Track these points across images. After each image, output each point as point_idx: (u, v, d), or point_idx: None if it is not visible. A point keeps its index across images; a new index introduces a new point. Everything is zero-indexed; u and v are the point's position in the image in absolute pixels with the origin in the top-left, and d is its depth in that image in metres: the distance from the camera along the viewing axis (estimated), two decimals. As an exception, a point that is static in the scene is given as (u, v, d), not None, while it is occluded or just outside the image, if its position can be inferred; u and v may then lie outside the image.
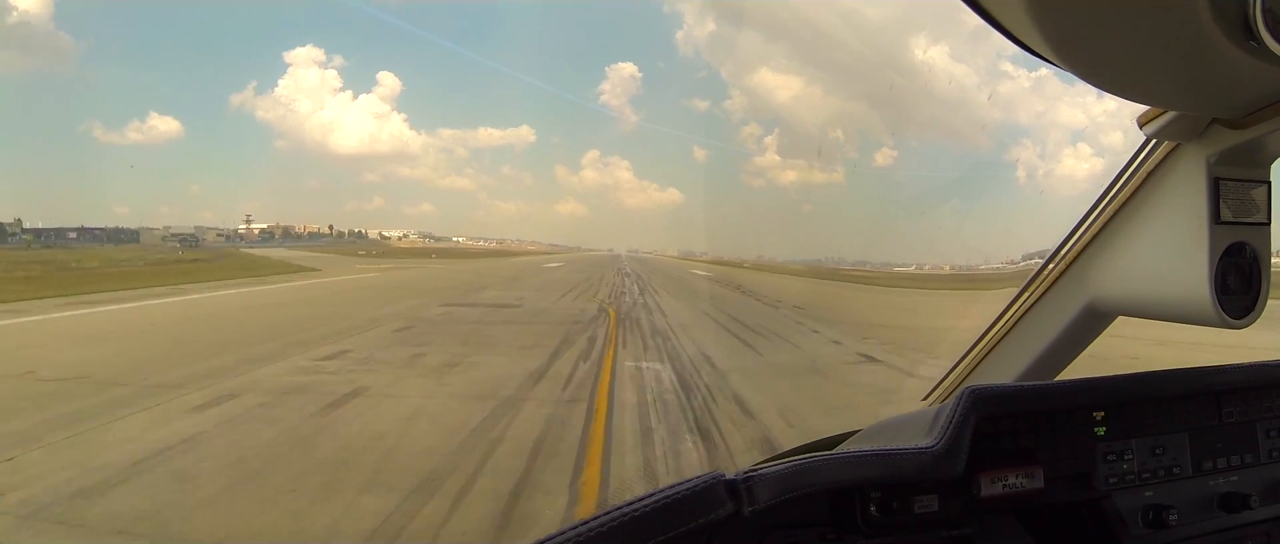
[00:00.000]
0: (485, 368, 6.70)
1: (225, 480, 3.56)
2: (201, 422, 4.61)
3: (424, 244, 64.89)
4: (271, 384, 5.72)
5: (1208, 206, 0.88)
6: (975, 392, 0.89)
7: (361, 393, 5.49)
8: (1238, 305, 0.90)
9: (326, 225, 63.26)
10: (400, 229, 74.00)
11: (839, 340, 9.62)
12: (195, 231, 51.50)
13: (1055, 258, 1.17)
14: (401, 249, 55.99)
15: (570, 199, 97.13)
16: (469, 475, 3.67)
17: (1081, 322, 1.14)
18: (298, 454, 4.02)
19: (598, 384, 6.06)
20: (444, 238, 78.67)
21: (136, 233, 47.56)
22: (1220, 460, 1.06)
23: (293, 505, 3.22)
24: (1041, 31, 0.57)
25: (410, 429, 4.56)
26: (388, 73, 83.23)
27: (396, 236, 67.17)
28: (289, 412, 4.92)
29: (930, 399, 1.43)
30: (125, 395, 5.23)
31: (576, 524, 0.66)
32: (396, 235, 68.02)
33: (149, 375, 5.93)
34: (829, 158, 57.21)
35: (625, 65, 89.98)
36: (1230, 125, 0.84)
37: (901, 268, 32.62)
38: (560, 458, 4.01)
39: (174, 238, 47.32)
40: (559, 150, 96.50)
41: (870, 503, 0.87)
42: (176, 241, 45.86)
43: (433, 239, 74.58)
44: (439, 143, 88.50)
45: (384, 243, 62.21)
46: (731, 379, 6.43)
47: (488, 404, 5.18)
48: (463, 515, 3.16)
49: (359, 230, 64.71)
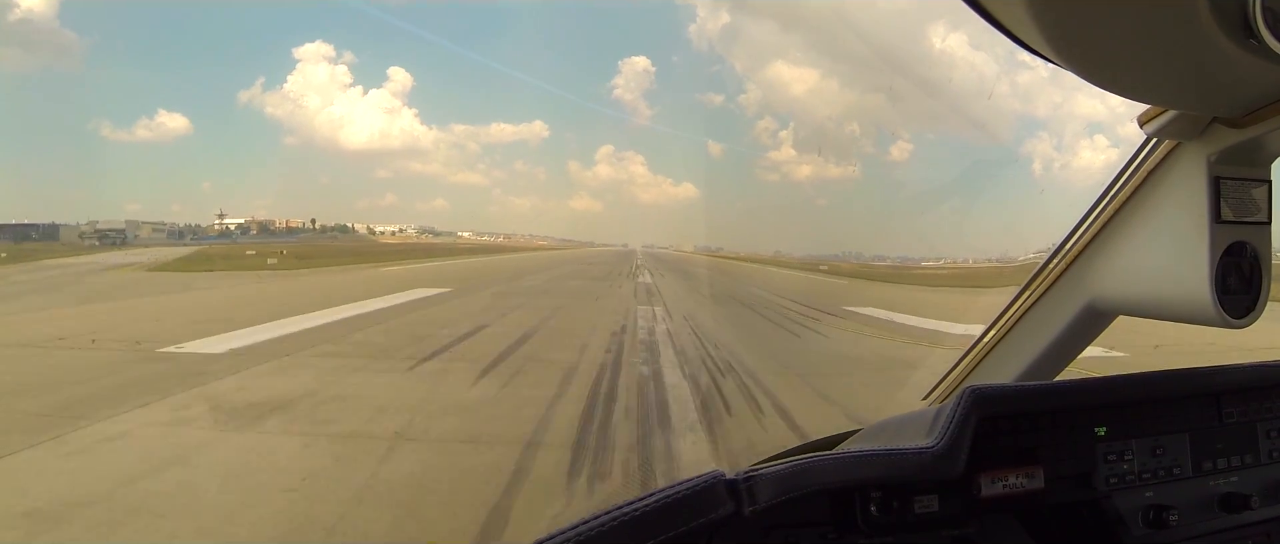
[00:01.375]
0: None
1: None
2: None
3: (421, 240, 59.69)
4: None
5: (1208, 206, 0.88)
6: (975, 391, 0.89)
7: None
8: (1238, 305, 0.90)
9: (309, 220, 56.57)
10: (400, 224, 67.33)
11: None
12: (125, 227, 44.49)
13: (1055, 257, 1.17)
14: (387, 246, 49.72)
15: (584, 195, 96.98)
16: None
17: (1082, 321, 1.14)
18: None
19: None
20: (447, 233, 72.47)
21: (56, 228, 41.16)
22: (1220, 461, 1.06)
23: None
24: (1042, 31, 0.57)
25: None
26: (398, 68, 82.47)
27: (388, 232, 61.24)
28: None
29: (930, 399, 1.43)
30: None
31: (576, 524, 0.66)
32: (388, 231, 61.88)
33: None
34: (844, 152, 56.69)
35: (638, 59, 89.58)
36: (1231, 124, 0.84)
37: (931, 263, 30.33)
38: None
39: (95, 235, 40.92)
40: (572, 145, 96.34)
41: (870, 503, 0.86)
42: (96, 239, 39.16)
43: (433, 234, 67.47)
44: (451, 138, 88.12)
45: (371, 239, 56.80)
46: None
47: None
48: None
49: (345, 225, 58.83)
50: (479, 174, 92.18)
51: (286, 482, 3.49)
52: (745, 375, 6.39)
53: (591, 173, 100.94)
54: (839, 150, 57.23)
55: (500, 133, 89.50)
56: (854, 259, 34.59)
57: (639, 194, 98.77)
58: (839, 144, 61.39)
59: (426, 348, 7.29)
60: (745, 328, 10.88)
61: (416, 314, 10.63)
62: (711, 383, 6.02)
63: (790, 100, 75.69)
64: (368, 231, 60.35)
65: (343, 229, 58.30)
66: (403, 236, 61.84)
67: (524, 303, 12.60)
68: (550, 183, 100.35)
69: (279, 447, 4.09)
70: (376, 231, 61.15)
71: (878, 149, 61.18)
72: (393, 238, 59.68)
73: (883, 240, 41.71)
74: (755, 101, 74.29)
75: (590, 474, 3.68)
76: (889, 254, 33.18)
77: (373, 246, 46.77)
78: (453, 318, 10.13)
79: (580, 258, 40.91)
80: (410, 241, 57.90)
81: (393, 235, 61.41)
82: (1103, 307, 1.10)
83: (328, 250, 36.02)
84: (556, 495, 3.38)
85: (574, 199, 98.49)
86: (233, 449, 4.06)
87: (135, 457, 3.83)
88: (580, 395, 5.35)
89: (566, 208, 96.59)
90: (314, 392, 5.32)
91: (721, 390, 5.74)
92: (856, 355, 8.40)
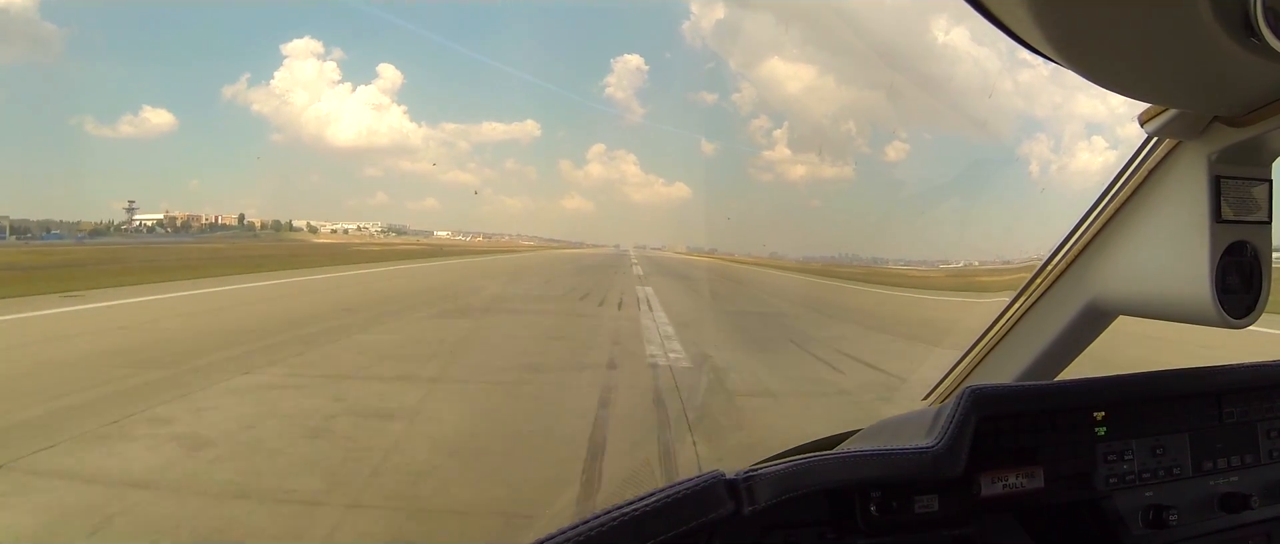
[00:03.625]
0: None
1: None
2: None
3: (375, 240, 47.95)
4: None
5: (1209, 205, 0.88)
6: (975, 391, 0.89)
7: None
8: (1239, 304, 0.90)
9: (236, 216, 45.76)
10: (372, 221, 59.86)
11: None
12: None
13: (1055, 257, 1.17)
14: (318, 248, 36.60)
15: (575, 194, 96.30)
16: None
17: (1082, 321, 1.14)
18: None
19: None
20: (423, 231, 64.37)
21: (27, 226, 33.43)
22: (1220, 461, 1.06)
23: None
24: (1043, 30, 0.56)
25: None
26: (387, 65, 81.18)
27: (340, 230, 49.64)
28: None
29: (930, 399, 1.43)
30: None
31: (576, 524, 0.66)
32: (340, 229, 50.02)
33: None
34: (840, 151, 55.92)
35: (631, 57, 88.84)
36: (1231, 123, 0.84)
37: (947, 265, 25.84)
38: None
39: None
40: (563, 144, 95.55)
41: (870, 503, 0.86)
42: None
43: (399, 233, 60.58)
44: (441, 136, 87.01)
45: (300, 239, 43.94)
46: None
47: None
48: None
49: (286, 222, 47.56)
50: (470, 173, 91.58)
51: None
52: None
53: (583, 172, 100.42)
54: (834, 150, 56.68)
55: (491, 131, 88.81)
56: (851, 260, 32.97)
57: (631, 194, 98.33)
58: (835, 143, 60.89)
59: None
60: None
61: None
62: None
63: (786, 98, 75.18)
64: (308, 229, 49.85)
65: (278, 227, 48.08)
66: (359, 235, 51.32)
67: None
68: (541, 182, 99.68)
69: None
70: (316, 229, 50.14)
71: (873, 149, 60.63)
72: (340, 236, 49.18)
73: (888, 242, 41.02)
74: (749, 100, 73.77)
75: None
76: (888, 256, 31.77)
77: (298, 248, 33.13)
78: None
79: (546, 269, 22.23)
80: (356, 242, 46.94)
81: (345, 234, 50.13)
82: (1103, 306, 1.10)
83: (217, 255, 22.79)
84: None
85: (566, 198, 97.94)
86: None
87: None
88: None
89: (558, 207, 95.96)
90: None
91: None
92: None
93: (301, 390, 4.51)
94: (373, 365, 5.45)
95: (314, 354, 5.75)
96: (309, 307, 9.21)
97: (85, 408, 3.87)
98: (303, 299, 10.43)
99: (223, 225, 49.38)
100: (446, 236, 68.11)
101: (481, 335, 7.41)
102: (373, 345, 6.34)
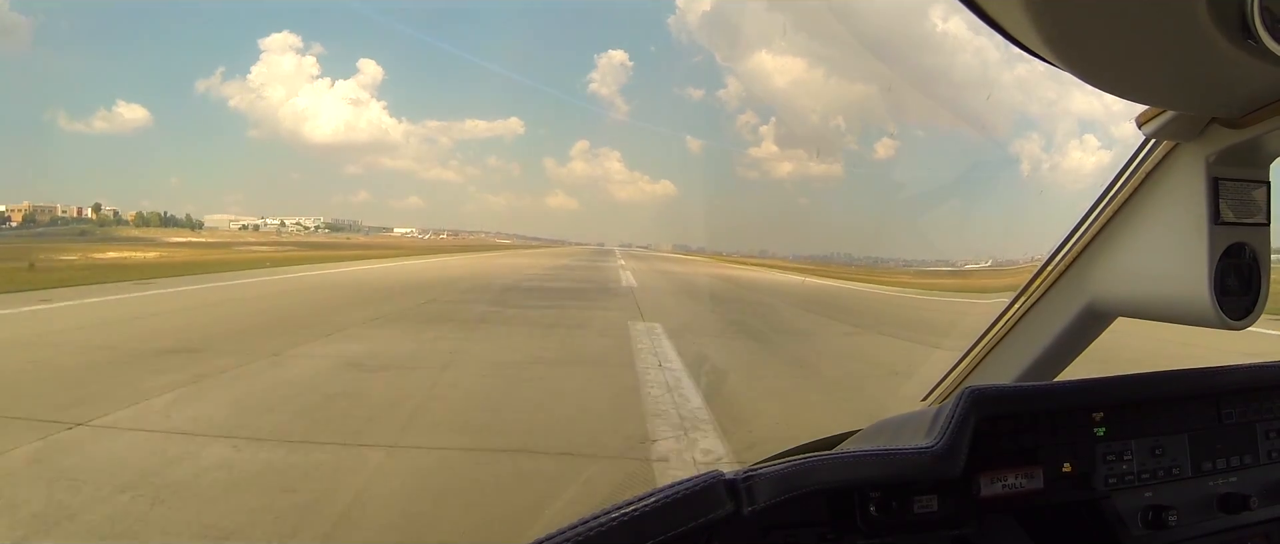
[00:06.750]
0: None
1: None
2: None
3: (298, 238, 37.58)
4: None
5: (1207, 207, 0.88)
6: (975, 392, 0.89)
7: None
8: (1237, 306, 0.90)
9: (110, 209, 35.81)
10: (312, 217, 46.87)
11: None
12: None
13: (1054, 258, 1.17)
14: (176, 248, 28.40)
15: (559, 192, 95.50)
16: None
17: (1081, 322, 1.14)
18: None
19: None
20: (381, 228, 50.19)
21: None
22: (1220, 461, 1.06)
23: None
24: (1038, 31, 0.57)
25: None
26: (368, 60, 79.44)
27: (239, 226, 38.14)
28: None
29: (930, 399, 1.43)
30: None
31: (575, 524, 0.66)
32: (242, 224, 38.71)
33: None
34: (829, 148, 55.31)
35: (615, 53, 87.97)
36: (1229, 125, 0.84)
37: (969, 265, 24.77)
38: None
39: None
40: (547, 141, 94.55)
41: (870, 503, 0.86)
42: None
43: (340, 229, 47.18)
44: (423, 132, 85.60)
45: (151, 234, 34.43)
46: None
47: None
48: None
49: (163, 214, 37.39)
50: (452, 171, 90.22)
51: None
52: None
53: (567, 169, 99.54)
54: (825, 146, 56.03)
55: (474, 128, 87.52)
56: (844, 260, 32.09)
57: (615, 191, 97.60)
58: (826, 139, 60.22)
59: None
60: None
61: None
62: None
63: (773, 92, 74.39)
64: (189, 222, 38.05)
65: (143, 220, 37.10)
66: (289, 236, 37.69)
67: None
68: (525, 179, 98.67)
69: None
70: (201, 226, 37.63)
71: (864, 147, 59.90)
72: (238, 234, 35.83)
73: (881, 241, 39.97)
74: (736, 95, 72.72)
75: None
76: (886, 256, 31.13)
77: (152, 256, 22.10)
78: None
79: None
80: (245, 241, 34.93)
81: (256, 230, 37.07)
82: (1102, 308, 1.10)
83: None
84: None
85: (550, 196, 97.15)
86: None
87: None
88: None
89: (542, 205, 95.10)
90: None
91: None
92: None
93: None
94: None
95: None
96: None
97: None
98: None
99: (75, 218, 38.17)
100: (407, 235, 59.35)
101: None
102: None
